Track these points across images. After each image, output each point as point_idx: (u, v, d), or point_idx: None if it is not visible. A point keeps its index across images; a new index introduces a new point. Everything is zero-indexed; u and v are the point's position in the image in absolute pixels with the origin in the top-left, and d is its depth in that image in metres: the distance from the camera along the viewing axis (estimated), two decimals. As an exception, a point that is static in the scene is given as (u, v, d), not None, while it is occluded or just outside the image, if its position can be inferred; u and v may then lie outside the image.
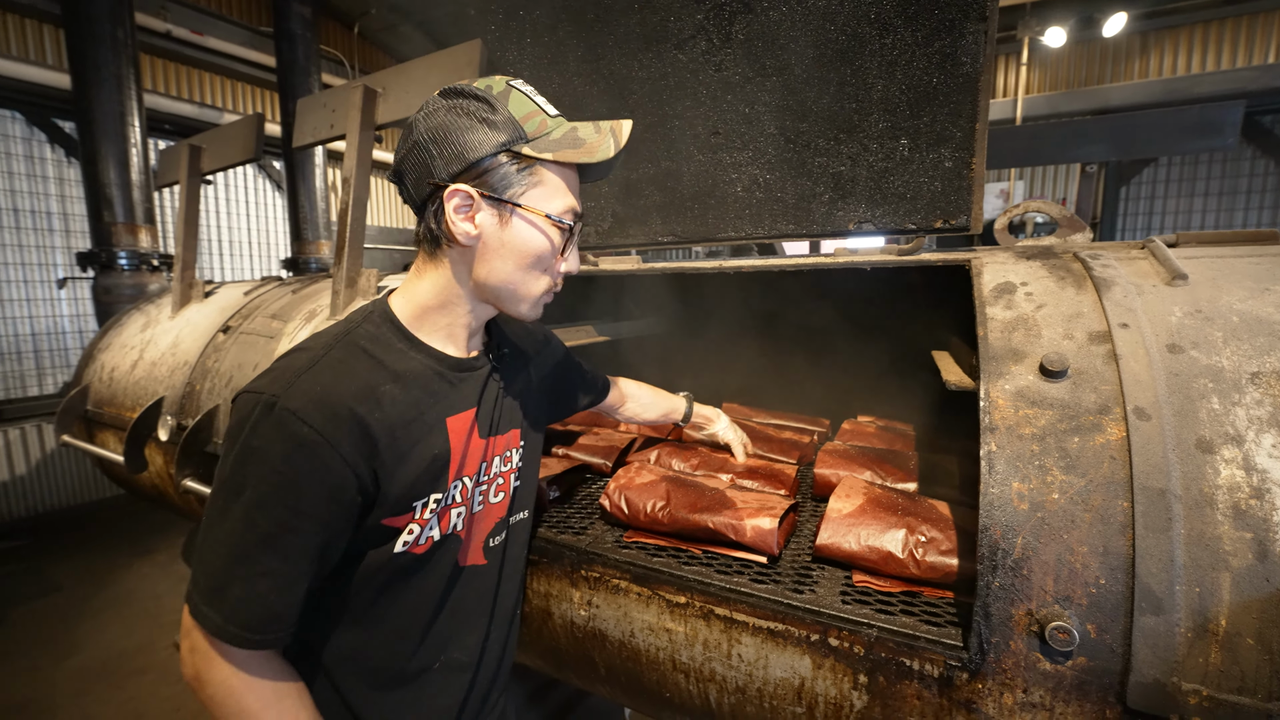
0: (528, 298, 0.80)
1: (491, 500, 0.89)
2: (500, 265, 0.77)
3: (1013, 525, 0.74)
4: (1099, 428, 0.75)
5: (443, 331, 0.82)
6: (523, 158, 0.74)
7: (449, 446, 0.78)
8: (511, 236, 0.76)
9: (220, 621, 0.64)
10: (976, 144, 1.03)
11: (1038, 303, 0.91)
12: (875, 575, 0.97)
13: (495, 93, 0.74)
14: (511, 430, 0.92)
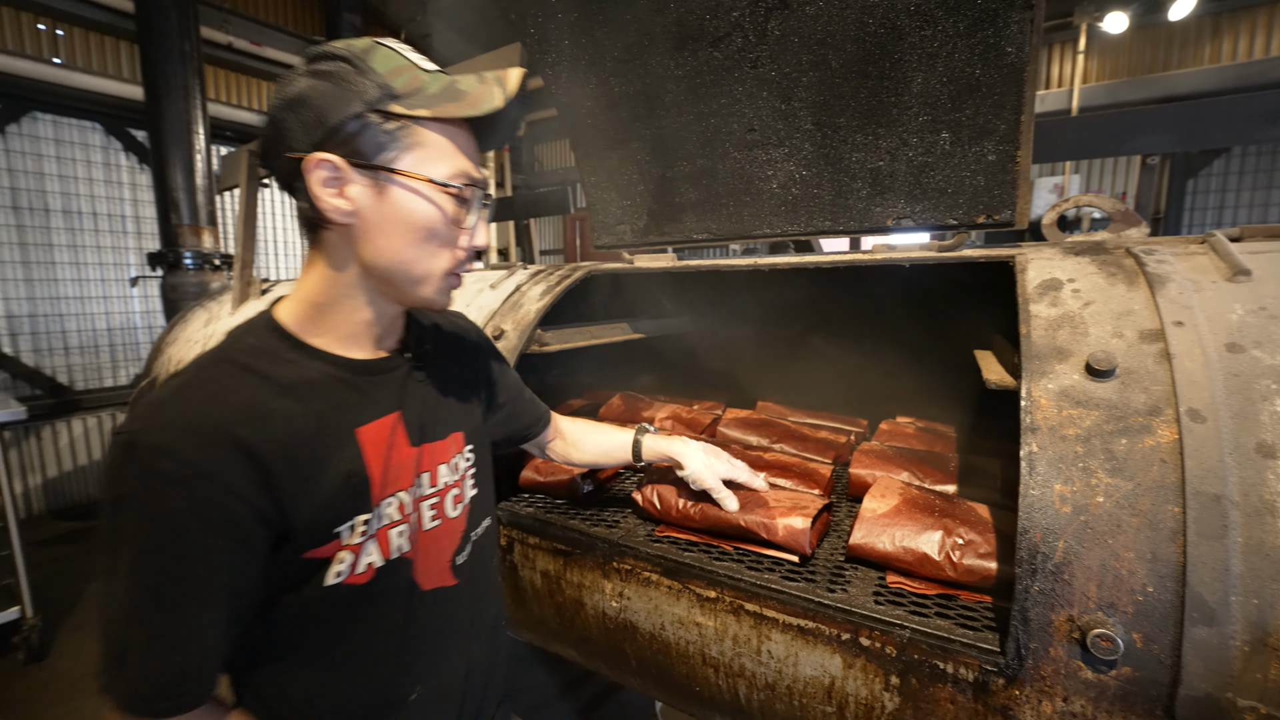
0: (426, 278, 0.69)
1: (449, 514, 0.79)
2: (385, 243, 0.66)
3: (1054, 528, 0.72)
4: (1149, 429, 0.72)
5: (341, 331, 0.70)
6: (394, 117, 0.64)
7: (364, 460, 0.68)
8: (393, 209, 0.65)
9: (126, 693, 0.57)
10: (1022, 137, 1.00)
11: (1085, 300, 0.88)
12: (910, 577, 0.96)
13: (358, 49, 0.65)
14: (453, 434, 0.82)
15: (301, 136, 0.64)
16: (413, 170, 0.65)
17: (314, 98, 0.63)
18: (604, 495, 1.40)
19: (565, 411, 2.03)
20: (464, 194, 0.69)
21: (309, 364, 0.67)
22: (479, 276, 1.85)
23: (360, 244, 0.67)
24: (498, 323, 1.52)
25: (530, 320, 1.48)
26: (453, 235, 0.70)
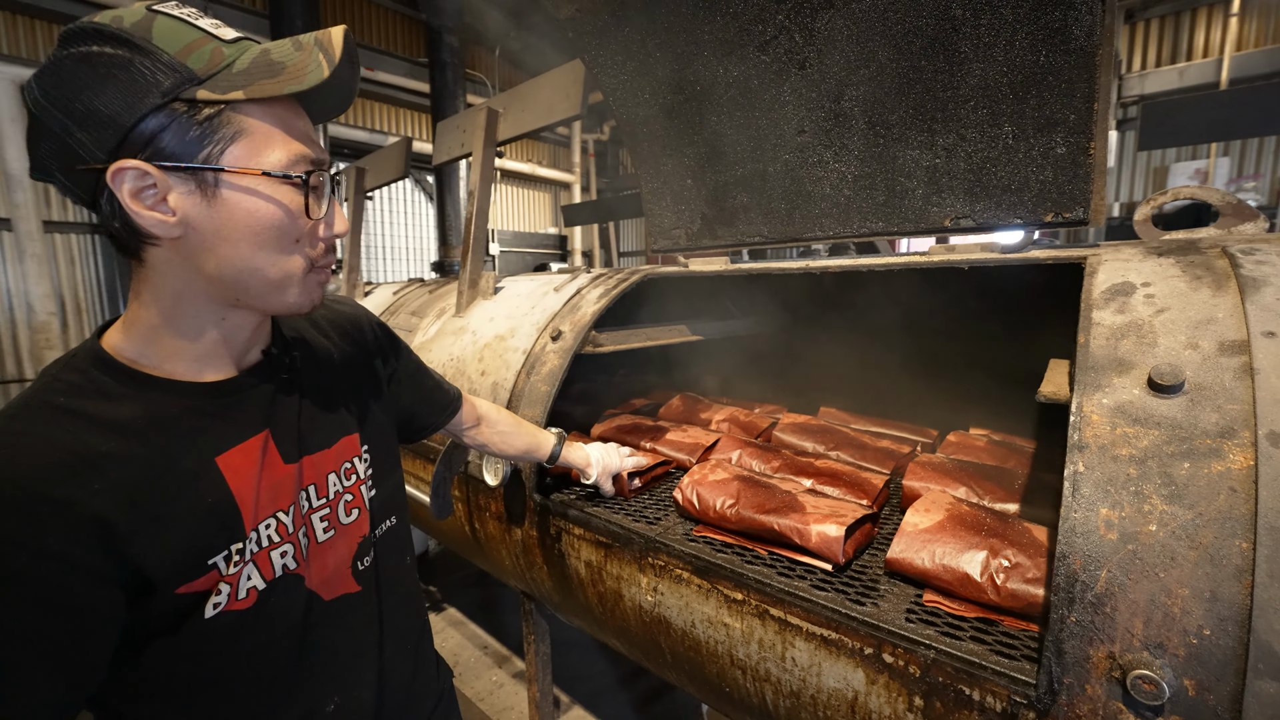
0: (285, 282, 0.61)
1: (344, 520, 0.74)
2: (229, 252, 0.58)
3: (1096, 556, 0.67)
4: (1218, 453, 0.64)
5: (188, 354, 0.62)
6: (202, 104, 0.54)
7: (228, 490, 0.61)
8: (228, 212, 0.57)
9: None
10: (1096, 126, 0.91)
11: (1159, 306, 0.79)
12: (949, 597, 0.91)
13: (131, 24, 0.53)
14: (342, 439, 0.75)
15: (93, 144, 0.53)
16: (242, 165, 0.56)
17: (96, 95, 0.51)
18: (652, 493, 1.44)
19: (626, 410, 2.10)
20: (309, 180, 0.60)
21: (148, 396, 0.59)
22: (545, 279, 1.97)
23: (199, 257, 0.57)
24: (557, 324, 1.61)
25: (586, 322, 1.55)
26: (304, 228, 0.61)
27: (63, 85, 0.52)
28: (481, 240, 2.11)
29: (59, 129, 0.53)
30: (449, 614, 3.02)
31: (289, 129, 0.59)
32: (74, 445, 0.53)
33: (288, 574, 0.66)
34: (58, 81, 0.52)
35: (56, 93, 0.52)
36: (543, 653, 1.76)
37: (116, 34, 0.52)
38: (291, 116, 0.60)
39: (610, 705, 2.31)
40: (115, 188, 0.53)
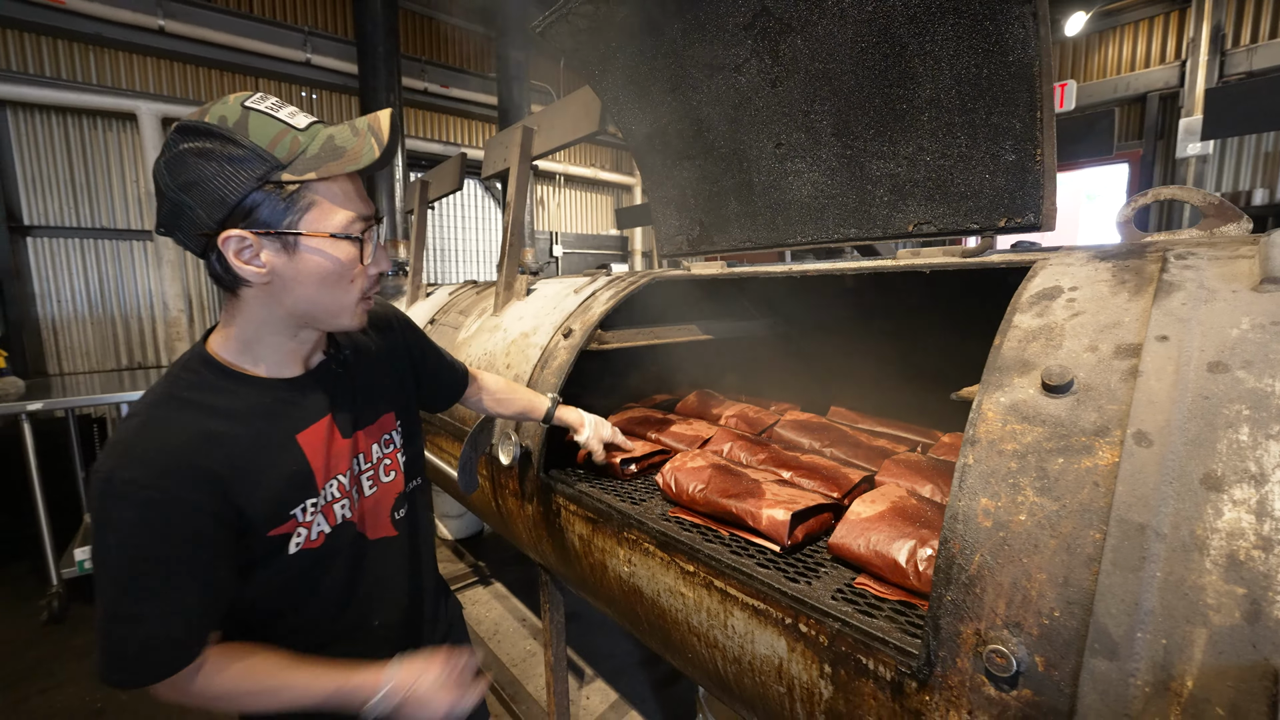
0: (342, 312, 0.81)
1: (384, 479, 0.95)
2: (303, 292, 0.76)
3: (973, 542, 0.72)
4: (1089, 450, 0.68)
5: (271, 359, 0.82)
6: (285, 184, 0.71)
7: (306, 459, 0.82)
8: (303, 265, 0.75)
9: (136, 674, 0.69)
10: (1041, 134, 0.94)
11: (1075, 310, 0.82)
12: (880, 582, 0.97)
13: (232, 123, 0.69)
14: (382, 417, 0.96)
15: (205, 216, 0.70)
16: (313, 229, 0.74)
17: (207, 179, 0.68)
18: (646, 478, 1.57)
19: (648, 404, 2.23)
20: (363, 235, 0.79)
21: (243, 391, 0.79)
22: (568, 282, 2.13)
23: (279, 296, 0.77)
24: (570, 323, 1.77)
25: (593, 321, 1.70)
26: (356, 270, 0.79)
27: (184, 172, 0.69)
28: (518, 247, 2.31)
29: (181, 204, 0.70)
30: (495, 588, 3.29)
31: (347, 195, 0.77)
32: (199, 426, 0.74)
33: (345, 521, 0.88)
34: (180, 169, 0.69)
35: (180, 178, 0.69)
36: (557, 621, 1.93)
37: (221, 132, 0.69)
38: (349, 184, 0.78)
39: (629, 682, 2.45)
40: (224, 249, 0.71)
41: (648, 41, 1.37)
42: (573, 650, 2.67)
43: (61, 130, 4.19)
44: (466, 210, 6.56)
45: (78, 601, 3.07)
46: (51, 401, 2.83)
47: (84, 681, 2.47)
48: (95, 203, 4.33)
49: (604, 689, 2.42)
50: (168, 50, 4.46)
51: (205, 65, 4.71)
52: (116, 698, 2.35)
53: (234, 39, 4.64)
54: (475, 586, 3.31)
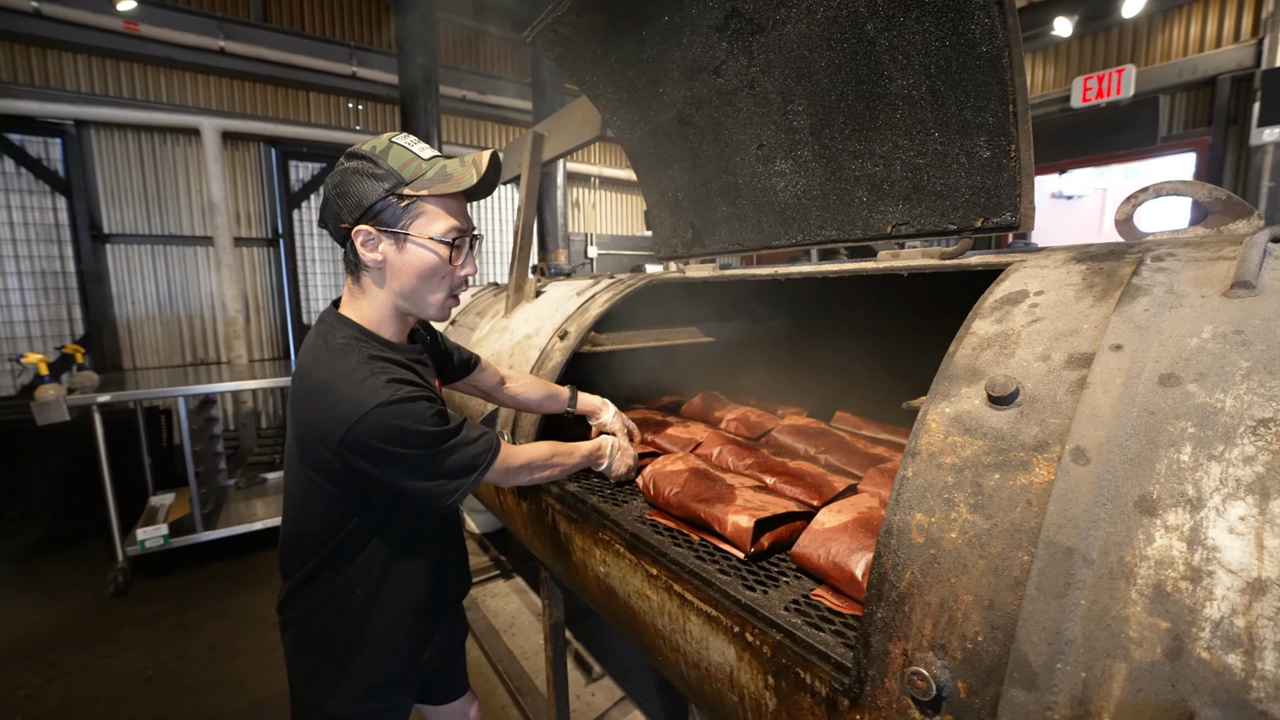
0: (432, 303, 1.02)
1: None
2: (405, 280, 0.98)
3: (905, 558, 0.69)
4: (1026, 466, 0.64)
5: (395, 333, 1.05)
6: (405, 196, 0.94)
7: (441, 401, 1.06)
8: (408, 257, 0.96)
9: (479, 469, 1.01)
10: (1016, 129, 0.89)
11: (1036, 316, 0.77)
12: (838, 594, 0.94)
13: (378, 151, 0.95)
14: (435, 382, 1.17)
15: (348, 213, 0.96)
16: (419, 232, 0.96)
17: (354, 187, 0.94)
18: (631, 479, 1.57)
19: (654, 406, 2.23)
20: (455, 243, 0.99)
21: (396, 352, 1.02)
22: (574, 284, 2.16)
23: (390, 280, 0.99)
24: (566, 325, 1.80)
25: (587, 324, 1.72)
26: (448, 271, 1.01)
27: (342, 183, 0.96)
28: (527, 250, 2.36)
29: (334, 204, 0.97)
30: (514, 582, 3.37)
31: (449, 210, 0.98)
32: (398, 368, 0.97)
33: None
34: (340, 180, 0.96)
35: (338, 186, 0.96)
36: (556, 618, 1.96)
37: (369, 155, 0.96)
38: (453, 203, 0.99)
39: (637, 680, 2.46)
40: (355, 239, 0.96)
41: (629, 46, 1.37)
42: (584, 647, 2.71)
43: (136, 146, 4.58)
44: (503, 213, 6.73)
45: (140, 576, 3.36)
46: (119, 394, 3.11)
47: (140, 649, 2.70)
48: (164, 212, 4.71)
49: (610, 686, 2.44)
50: (227, 69, 4.80)
51: (260, 81, 5.04)
52: (165, 667, 2.56)
53: (287, 56, 4.94)
54: (497, 580, 3.40)
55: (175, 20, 4.48)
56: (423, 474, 0.96)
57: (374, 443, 0.90)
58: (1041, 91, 5.29)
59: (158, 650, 2.69)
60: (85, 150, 4.41)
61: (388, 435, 0.90)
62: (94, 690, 2.43)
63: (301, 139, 5.14)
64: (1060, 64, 5.24)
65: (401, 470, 0.94)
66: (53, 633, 2.87)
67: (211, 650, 2.67)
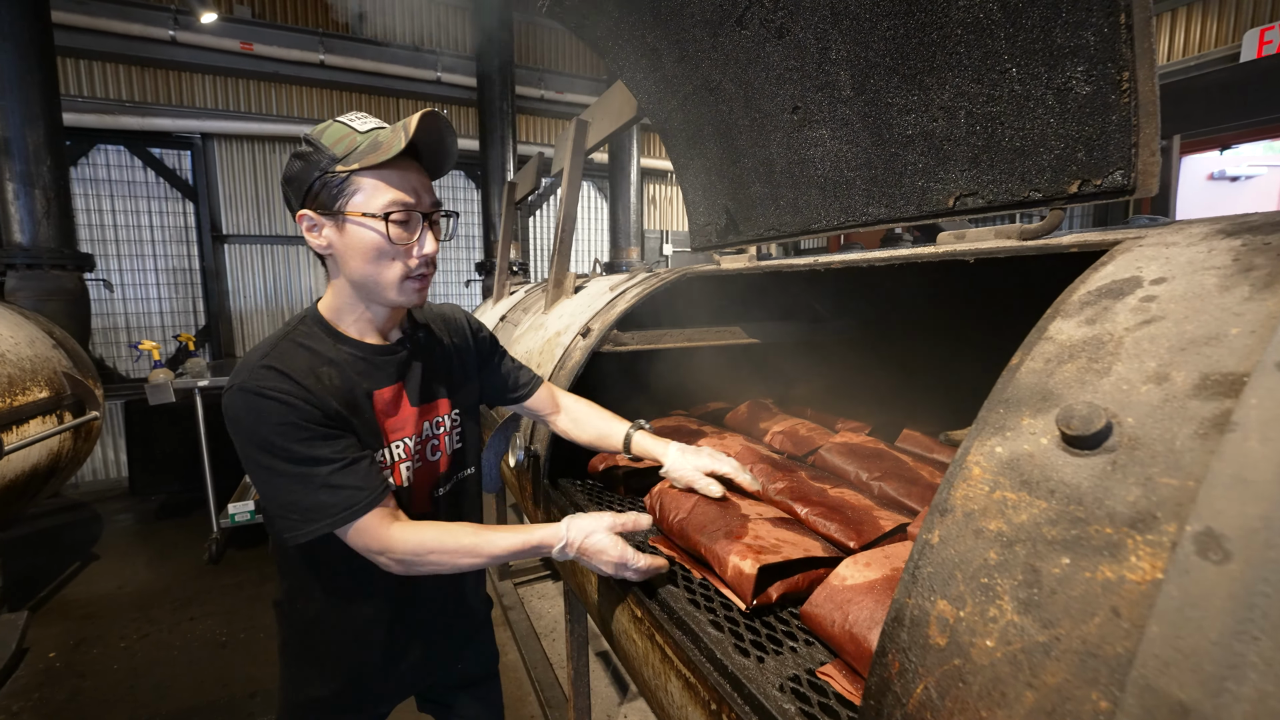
0: (388, 285, 0.90)
1: (429, 458, 1.03)
2: (353, 264, 0.89)
3: (919, 663, 0.48)
4: (1116, 552, 0.41)
5: (357, 326, 0.96)
6: (338, 174, 0.85)
7: (375, 413, 0.94)
8: (349, 239, 0.87)
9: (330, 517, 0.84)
10: (1132, 48, 0.63)
11: (1150, 315, 0.51)
12: (852, 675, 0.72)
13: (316, 132, 0.88)
14: (439, 400, 1.05)
15: (295, 201, 0.90)
16: (355, 209, 0.87)
17: (296, 173, 0.89)
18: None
19: (698, 412, 2.04)
20: (392, 217, 0.87)
21: (339, 347, 0.93)
22: (606, 280, 2.02)
23: (342, 267, 0.91)
24: (591, 322, 1.66)
25: (610, 321, 1.57)
26: (399, 250, 0.89)
27: (288, 169, 0.90)
28: (568, 243, 2.26)
29: (285, 192, 0.92)
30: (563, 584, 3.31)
31: (389, 182, 0.87)
32: (308, 363, 0.89)
33: (407, 486, 0.99)
34: (287, 167, 0.91)
35: (285, 174, 0.91)
36: (578, 634, 1.84)
37: (310, 139, 0.89)
38: (396, 175, 0.88)
39: (672, 707, 2.29)
40: (300, 225, 0.91)
41: (645, 4, 1.20)
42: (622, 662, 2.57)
43: (250, 155, 5.08)
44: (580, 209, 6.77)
45: (234, 546, 3.68)
46: (216, 379, 3.42)
47: (220, 615, 2.93)
48: (272, 214, 5.19)
49: (644, 709, 2.29)
50: (326, 80, 5.19)
51: (355, 90, 5.41)
52: (236, 635, 2.75)
53: (378, 65, 5.26)
54: (545, 580, 3.36)
55: (282, 38, 4.91)
56: (265, 488, 0.86)
57: (228, 423, 0.86)
58: (1199, 51, 4.41)
59: (234, 618, 2.91)
60: (209, 160, 4.95)
61: (231, 419, 0.85)
62: (175, 650, 2.66)
63: (391, 144, 5.45)
64: (1226, 17, 4.34)
65: (250, 470, 0.86)
66: (157, 591, 3.21)
67: (278, 623, 2.84)
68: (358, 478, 0.86)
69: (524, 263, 5.14)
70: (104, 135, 4.64)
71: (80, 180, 4.69)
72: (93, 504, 4.56)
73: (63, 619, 2.94)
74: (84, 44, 4.48)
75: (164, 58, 4.64)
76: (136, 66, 4.73)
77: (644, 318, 1.72)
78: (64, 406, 2.87)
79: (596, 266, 3.06)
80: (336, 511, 0.84)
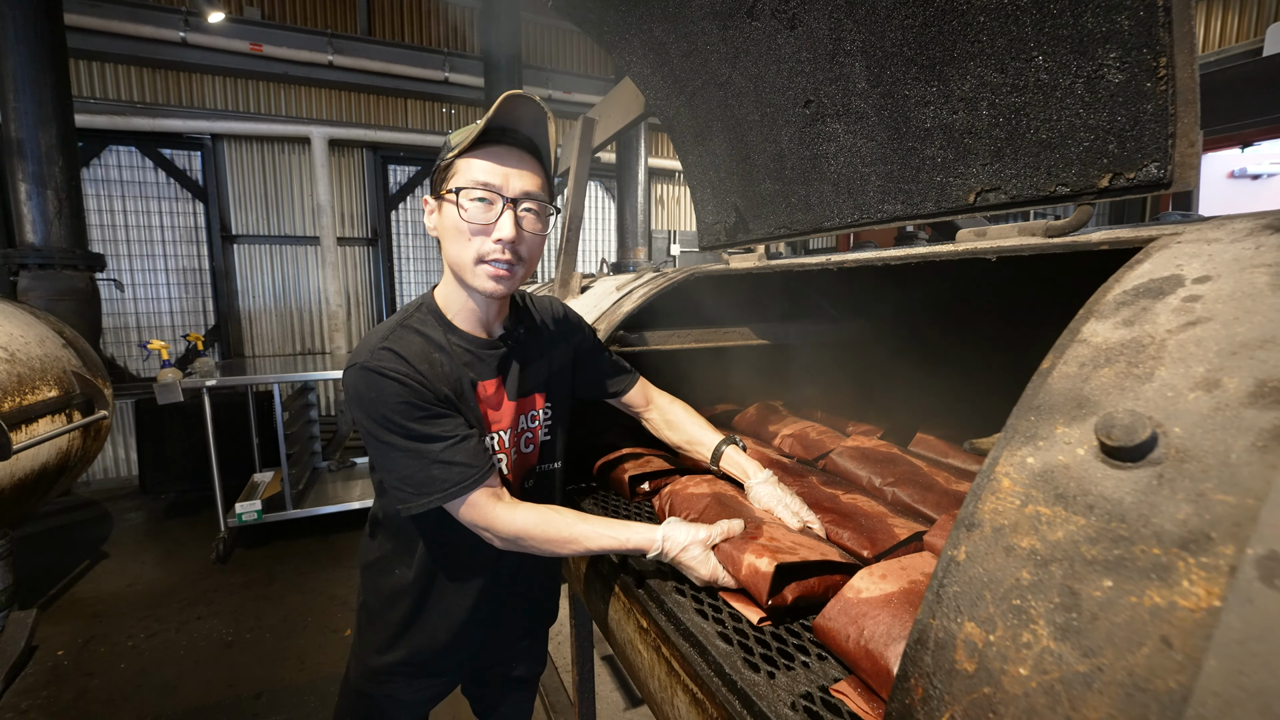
0: (465, 266, 0.93)
1: (523, 450, 1.08)
2: (444, 245, 0.95)
3: (943, 689, 0.44)
4: (1165, 574, 0.37)
5: (462, 316, 1.00)
6: (446, 160, 0.93)
7: (478, 403, 0.99)
8: (443, 219, 0.94)
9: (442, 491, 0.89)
10: (1170, 32, 0.59)
11: (1195, 315, 0.48)
12: (869, 692, 0.69)
13: (451, 132, 0.91)
14: (535, 395, 1.08)
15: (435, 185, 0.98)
16: (447, 189, 0.92)
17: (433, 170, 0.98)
18: (656, 500, 1.37)
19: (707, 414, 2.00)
20: (482, 196, 0.90)
21: (450, 336, 0.99)
22: (612, 280, 2.00)
23: (443, 250, 0.97)
24: (596, 321, 1.63)
25: (616, 321, 1.54)
26: (475, 231, 0.91)
27: None
28: (574, 242, 2.23)
29: None
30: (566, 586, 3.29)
31: (480, 169, 0.91)
32: (423, 349, 0.95)
33: (505, 476, 1.04)
34: None
35: None
36: (583, 639, 1.81)
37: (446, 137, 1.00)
38: (488, 157, 0.91)
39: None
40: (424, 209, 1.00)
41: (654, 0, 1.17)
42: (627, 666, 2.54)
43: (258, 155, 5.10)
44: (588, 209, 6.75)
45: (241, 546, 3.69)
46: (225, 379, 3.43)
47: (227, 615, 2.93)
48: (280, 214, 5.21)
49: (650, 716, 2.26)
50: (334, 81, 5.21)
51: (363, 91, 5.42)
52: (243, 634, 2.75)
53: (387, 65, 5.26)
54: (551, 581, 3.34)
55: (291, 39, 4.93)
56: (382, 461, 0.92)
57: (347, 399, 0.92)
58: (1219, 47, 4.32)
59: (241, 617, 2.91)
60: (219, 160, 4.98)
61: (352, 395, 0.91)
62: (183, 649, 2.66)
63: (399, 144, 5.46)
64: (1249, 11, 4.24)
65: (368, 444, 0.92)
66: (165, 590, 3.22)
67: (284, 623, 2.83)
68: (468, 455, 0.90)
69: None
70: (116, 136, 4.67)
71: (92, 181, 4.73)
72: (103, 502, 4.59)
73: (72, 617, 2.96)
74: (96, 46, 4.52)
75: (175, 59, 4.67)
76: (148, 68, 4.77)
77: (651, 318, 1.69)
78: (73, 405, 2.88)
79: (603, 266, 3.03)
80: (448, 486, 0.89)
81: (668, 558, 0.91)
